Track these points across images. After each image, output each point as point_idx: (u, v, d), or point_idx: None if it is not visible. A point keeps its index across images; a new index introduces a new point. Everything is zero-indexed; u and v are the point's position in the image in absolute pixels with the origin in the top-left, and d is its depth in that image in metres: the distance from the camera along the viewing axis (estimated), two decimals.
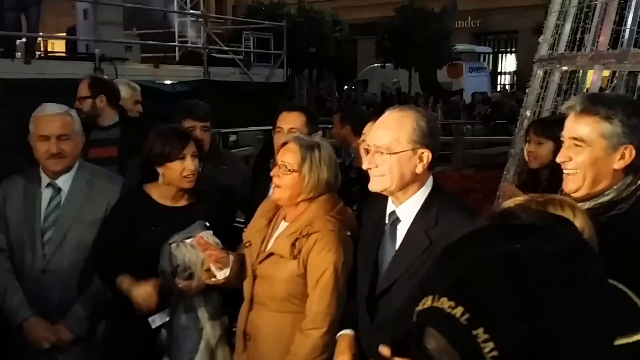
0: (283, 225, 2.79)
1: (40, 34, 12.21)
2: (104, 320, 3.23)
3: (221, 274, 2.83)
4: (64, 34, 14.22)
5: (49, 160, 3.18)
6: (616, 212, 1.97)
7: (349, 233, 2.65)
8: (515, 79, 27.20)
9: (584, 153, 2.02)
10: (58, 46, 17.08)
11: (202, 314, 3.03)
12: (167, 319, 3.06)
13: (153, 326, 3.05)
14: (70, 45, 13.21)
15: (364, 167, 2.38)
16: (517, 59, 27.73)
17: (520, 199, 1.88)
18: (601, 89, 4.98)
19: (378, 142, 2.33)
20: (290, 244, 2.63)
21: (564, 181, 2.11)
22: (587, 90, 5.04)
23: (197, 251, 2.90)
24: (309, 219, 2.65)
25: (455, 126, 17.41)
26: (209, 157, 3.63)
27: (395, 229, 2.38)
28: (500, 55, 29.99)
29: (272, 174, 2.76)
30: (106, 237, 3.15)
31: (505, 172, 5.97)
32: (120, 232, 3.09)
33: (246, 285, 2.81)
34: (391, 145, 2.30)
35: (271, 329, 2.71)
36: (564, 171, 2.10)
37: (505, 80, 29.67)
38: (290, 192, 2.70)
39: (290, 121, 3.39)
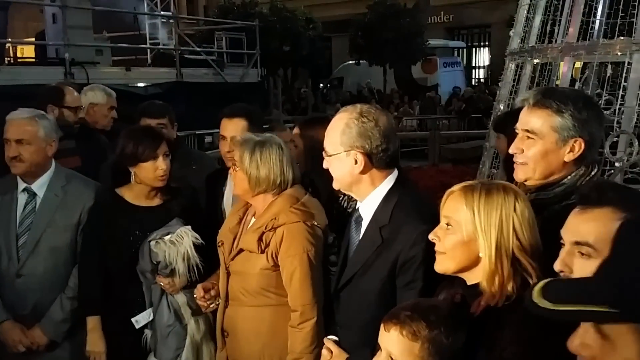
0: (253, 222, 2.85)
1: (9, 39, 12.03)
2: (84, 323, 3.22)
3: (213, 293, 2.97)
4: (33, 39, 14.02)
5: (10, 163, 3.22)
6: (570, 202, 1.99)
7: (315, 223, 2.69)
8: (490, 72, 27.36)
9: (536, 145, 2.07)
10: (28, 51, 16.83)
11: (186, 310, 3.09)
12: (151, 318, 3.12)
13: (137, 326, 3.13)
14: (40, 50, 13.03)
15: (324, 166, 2.42)
16: (491, 53, 27.89)
17: (468, 182, 1.91)
18: (573, 80, 5.00)
19: (324, 144, 2.39)
20: (257, 238, 2.69)
21: (515, 171, 2.16)
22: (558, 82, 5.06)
23: (177, 247, 2.99)
24: (274, 213, 2.71)
25: (431, 121, 17.49)
26: (176, 156, 3.62)
27: (360, 225, 2.43)
28: (474, 49, 30.14)
29: (230, 171, 2.87)
30: (88, 244, 3.20)
31: (481, 166, 5.99)
32: (100, 236, 3.15)
33: (221, 282, 2.89)
34: (327, 149, 2.35)
35: (248, 324, 2.78)
36: (515, 162, 2.14)
37: (480, 74, 29.84)
38: (240, 186, 2.80)
39: (232, 129, 3.34)
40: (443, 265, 1.95)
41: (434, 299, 1.99)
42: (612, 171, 4.26)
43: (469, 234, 1.86)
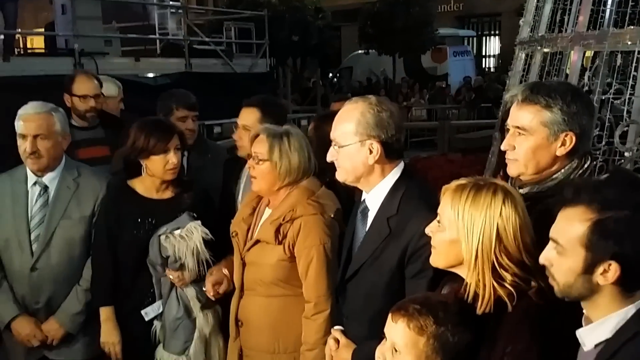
0: (267, 212, 2.86)
1: (19, 30, 12.04)
2: (97, 313, 3.25)
3: (222, 288, 3.03)
4: (43, 30, 14.03)
5: (27, 159, 3.21)
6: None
7: (332, 215, 2.71)
8: (500, 61, 27.18)
9: (527, 141, 2.08)
10: (37, 42, 16.87)
11: (195, 303, 3.11)
12: (160, 310, 3.14)
13: (147, 319, 3.15)
14: (49, 41, 13.04)
15: (328, 159, 2.42)
16: (501, 42, 27.70)
17: (464, 180, 1.92)
18: (583, 70, 4.96)
19: (332, 135, 2.38)
20: (275, 229, 2.70)
21: (507, 167, 2.17)
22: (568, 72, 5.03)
23: (186, 241, 3.00)
24: (292, 205, 2.71)
25: (441, 111, 17.44)
26: (194, 146, 3.65)
27: (366, 216, 2.43)
28: (484, 38, 29.93)
29: (247, 166, 2.85)
30: (100, 236, 3.22)
31: (490, 156, 5.97)
32: (111, 228, 3.16)
33: (236, 273, 2.90)
34: (339, 139, 2.34)
35: (262, 315, 2.80)
36: (507, 158, 2.15)
37: (490, 63, 29.63)
38: (266, 180, 2.78)
39: (244, 117, 3.37)
40: (434, 260, 1.98)
41: (444, 294, 1.99)
42: (622, 161, 4.24)
43: (453, 236, 1.87)
